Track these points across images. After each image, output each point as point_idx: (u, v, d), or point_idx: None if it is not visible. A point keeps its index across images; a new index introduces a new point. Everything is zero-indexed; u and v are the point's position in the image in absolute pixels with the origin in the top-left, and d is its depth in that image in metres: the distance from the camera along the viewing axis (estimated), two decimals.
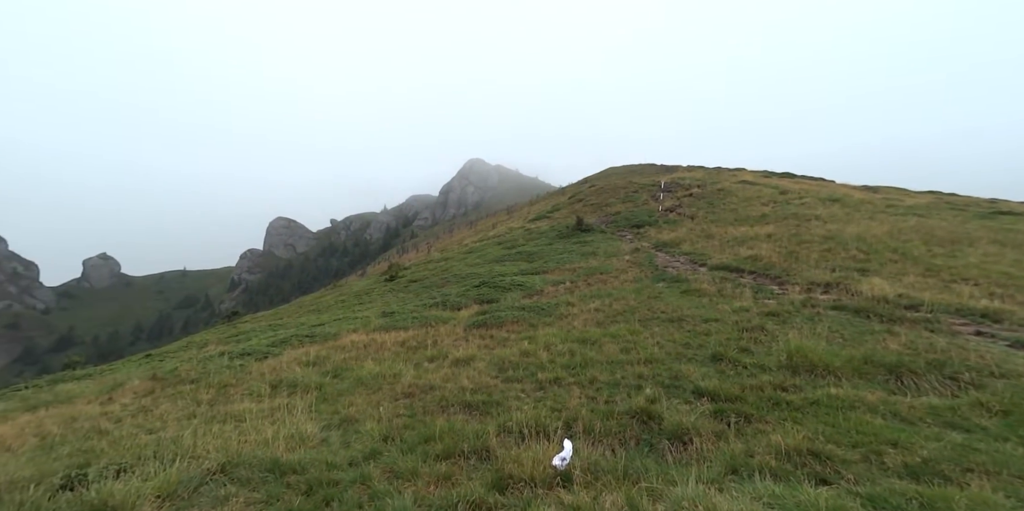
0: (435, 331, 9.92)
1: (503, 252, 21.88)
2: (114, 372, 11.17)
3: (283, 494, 3.60)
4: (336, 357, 9.33)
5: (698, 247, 14.93)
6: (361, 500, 3.42)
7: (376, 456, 4.22)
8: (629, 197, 29.33)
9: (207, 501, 3.61)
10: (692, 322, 7.71)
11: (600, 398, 5.05)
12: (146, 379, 8.72)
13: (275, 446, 4.52)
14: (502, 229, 34.28)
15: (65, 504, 3.50)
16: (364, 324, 13.66)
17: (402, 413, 5.39)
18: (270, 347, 11.46)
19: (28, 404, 8.09)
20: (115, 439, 5.21)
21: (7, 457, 4.83)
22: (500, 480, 3.48)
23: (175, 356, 13.10)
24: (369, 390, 6.71)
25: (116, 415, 6.71)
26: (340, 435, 4.97)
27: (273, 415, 5.81)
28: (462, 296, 13.63)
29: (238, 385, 8.03)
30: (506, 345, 7.90)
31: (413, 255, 54.22)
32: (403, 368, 7.48)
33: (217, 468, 4.08)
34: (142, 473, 4.00)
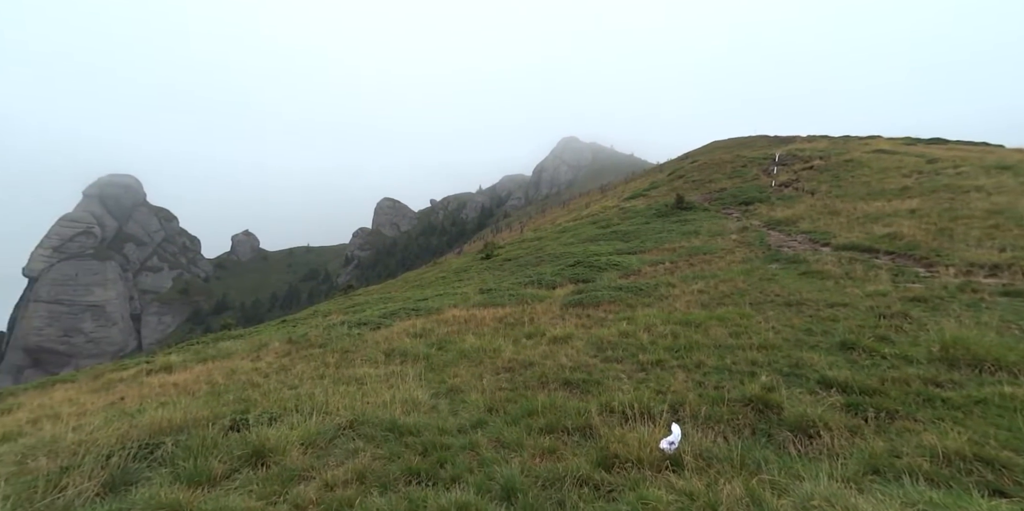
0: (531, 309, 10.03)
1: (597, 231, 21.44)
2: (259, 334, 12.88)
3: (403, 453, 3.91)
4: (440, 330, 9.87)
5: (820, 225, 13.41)
6: (471, 465, 3.61)
7: (482, 425, 4.42)
8: (736, 172, 27.05)
9: (341, 452, 4.03)
10: (814, 306, 6.99)
11: (708, 383, 4.79)
12: (284, 342, 9.92)
13: (392, 409, 4.90)
14: (596, 208, 33.54)
15: (234, 442, 4.14)
16: (464, 300, 14.27)
17: (504, 386, 5.56)
18: (382, 318, 12.45)
19: (199, 357, 9.64)
20: (265, 391, 6.02)
21: (189, 399, 5.81)
22: (605, 459, 3.47)
23: (304, 323, 14.76)
24: (471, 363, 6.98)
25: (263, 371, 7.73)
26: (448, 403, 5.25)
27: (388, 380, 6.31)
28: (557, 275, 13.65)
29: (357, 351, 8.84)
30: (604, 325, 7.78)
31: (506, 234, 55.29)
32: (502, 343, 7.66)
33: (346, 424, 4.54)
34: (288, 422, 4.57)
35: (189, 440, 4.19)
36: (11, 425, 5.76)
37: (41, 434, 4.80)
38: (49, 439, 4.48)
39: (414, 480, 3.50)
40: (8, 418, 6.39)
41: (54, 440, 4.41)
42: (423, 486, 3.40)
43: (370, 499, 3.20)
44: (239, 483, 3.61)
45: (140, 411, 5.33)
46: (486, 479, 3.36)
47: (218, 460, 3.85)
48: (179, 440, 4.24)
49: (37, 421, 5.82)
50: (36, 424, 5.65)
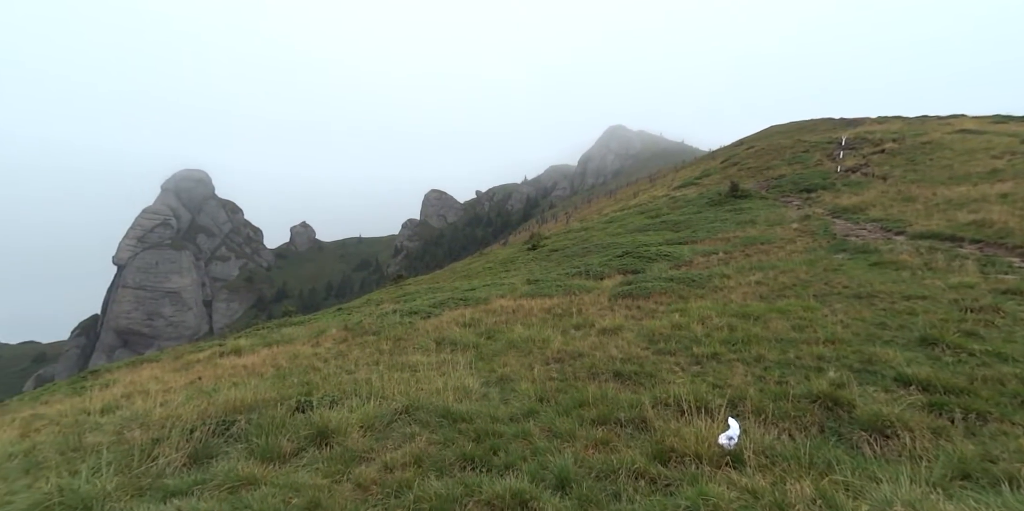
0: (579, 300, 9.96)
1: (646, 221, 20.92)
2: (317, 321, 13.55)
3: (457, 439, 4.01)
4: (488, 320, 9.98)
5: (893, 212, 12.46)
6: (524, 453, 3.65)
7: (533, 415, 4.44)
8: (797, 158, 25.51)
9: (398, 436, 4.18)
10: (888, 299, 6.53)
11: (770, 378, 4.59)
12: (340, 329, 10.37)
13: (445, 396, 5.02)
14: (644, 198, 32.70)
15: (300, 423, 4.39)
16: (511, 290, 14.35)
17: (554, 377, 5.56)
18: (431, 308, 12.75)
19: (265, 341, 10.26)
20: (325, 376, 6.32)
21: (258, 381, 6.21)
22: (661, 452, 3.41)
23: (358, 311, 15.36)
24: (520, 352, 7.02)
25: (323, 356, 8.12)
26: (498, 392, 5.31)
27: (440, 368, 6.46)
28: (604, 266, 13.45)
29: (409, 339, 9.10)
30: (655, 316, 7.61)
31: (552, 225, 55.01)
32: (551, 334, 7.65)
33: (402, 409, 4.69)
34: (348, 406, 4.79)
35: (260, 419, 4.47)
36: (109, 399, 6.38)
37: (134, 408, 5.28)
38: (141, 413, 4.92)
39: (468, 466, 3.59)
40: (106, 392, 7.07)
41: (145, 414, 4.84)
42: (478, 472, 3.47)
43: (427, 482, 3.30)
44: (306, 461, 3.82)
45: (216, 390, 5.75)
46: (539, 468, 3.39)
47: (286, 439, 4.10)
48: (251, 418, 4.53)
49: (130, 396, 6.41)
50: (129, 398, 6.23)
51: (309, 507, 3.11)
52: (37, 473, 3.86)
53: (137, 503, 3.26)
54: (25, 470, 3.96)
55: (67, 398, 7.53)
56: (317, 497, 3.19)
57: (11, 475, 3.88)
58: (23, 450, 4.40)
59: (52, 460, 4.06)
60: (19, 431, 5.36)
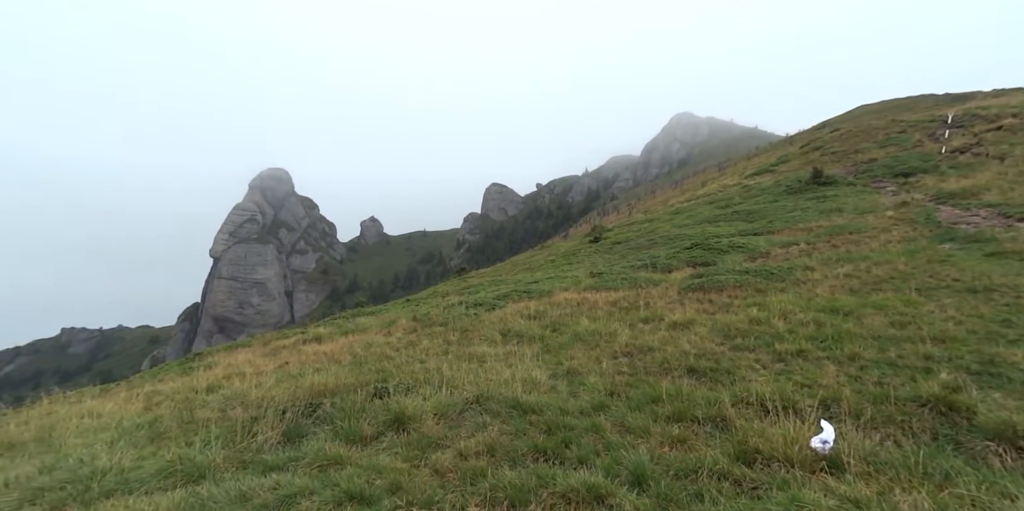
0: (646, 293, 9.69)
1: (716, 212, 19.92)
2: (387, 312, 14.16)
3: (528, 430, 4.03)
4: (552, 313, 9.94)
5: (1014, 196, 11.01)
6: (597, 448, 3.60)
7: (604, 409, 4.37)
8: (891, 139, 23.16)
9: (470, 425, 4.28)
10: (1011, 293, 5.80)
11: (868, 378, 4.21)
12: (410, 319, 10.77)
13: (514, 387, 5.06)
14: (713, 187, 31.11)
15: (378, 408, 4.61)
16: (574, 283, 14.21)
17: (623, 371, 5.45)
18: (495, 300, 12.91)
19: (342, 330, 10.88)
20: (398, 364, 6.59)
21: (337, 367, 6.60)
22: (744, 453, 3.23)
23: (426, 302, 15.87)
24: (587, 346, 6.94)
25: (395, 345, 8.47)
26: (566, 385, 5.28)
27: (507, 360, 6.52)
28: (672, 258, 12.98)
29: (475, 330, 9.27)
30: (730, 311, 7.24)
31: (614, 217, 53.83)
32: (618, 327, 7.51)
33: (473, 399, 4.79)
34: (421, 394, 4.96)
35: (342, 403, 4.74)
36: (212, 379, 7.06)
37: (234, 388, 5.79)
38: (240, 393, 5.38)
39: (541, 457, 3.59)
40: (209, 373, 7.83)
41: (243, 394, 5.29)
42: (550, 464, 3.47)
43: (501, 471, 3.34)
44: (386, 445, 4.00)
45: (301, 375, 6.16)
46: (613, 463, 3.33)
47: (367, 423, 4.31)
48: (334, 402, 4.82)
49: (229, 377, 7.05)
50: (229, 379, 6.84)
51: (391, 489, 3.25)
52: (159, 442, 4.34)
53: (242, 475, 3.57)
54: (150, 439, 4.47)
55: (178, 377, 8.40)
56: (398, 480, 3.33)
57: (140, 443, 4.40)
58: (148, 421, 4.98)
59: (171, 432, 4.56)
60: (143, 404, 6.05)
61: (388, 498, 3.14)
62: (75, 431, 4.97)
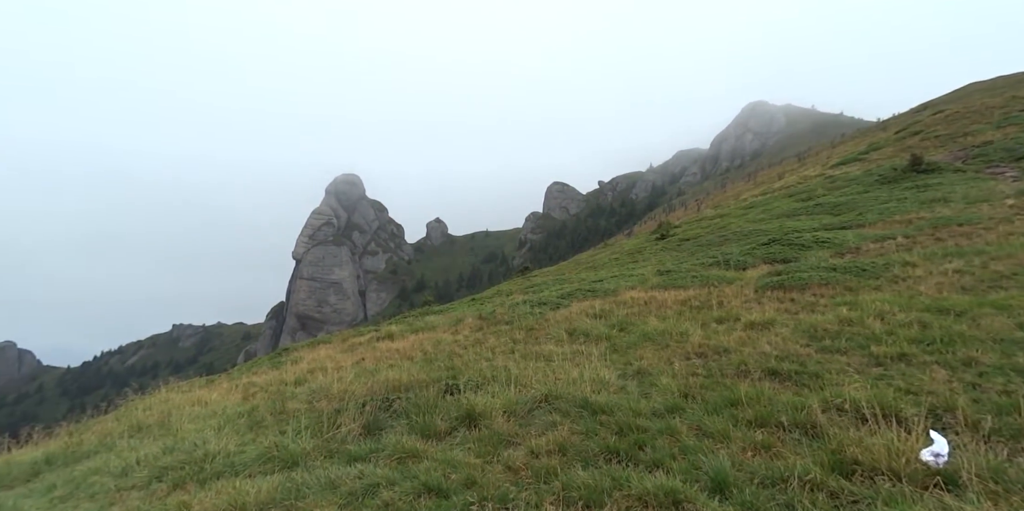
0: (719, 291, 9.27)
1: (796, 205, 18.62)
2: (453, 310, 14.54)
3: (598, 430, 3.98)
4: (619, 312, 9.74)
5: None
6: (672, 451, 3.48)
7: (678, 411, 4.22)
8: (1010, 118, 20.50)
9: (540, 423, 4.29)
10: None
11: (989, 386, 3.75)
12: (476, 318, 10.99)
13: (582, 386, 5.01)
14: (792, 179, 29.04)
15: (450, 404, 4.75)
16: (641, 281, 13.84)
17: (697, 372, 5.24)
18: (560, 298, 12.85)
19: (412, 328, 11.32)
20: (466, 362, 6.75)
21: (409, 364, 6.88)
22: (840, 463, 2.99)
23: (490, 301, 16.12)
24: (657, 346, 6.74)
25: (462, 343, 8.68)
26: (636, 385, 5.15)
27: (574, 359, 6.46)
28: (747, 255, 12.29)
29: (540, 329, 9.29)
30: (815, 310, 6.74)
31: (681, 213, 51.79)
32: (689, 327, 7.26)
33: (541, 397, 4.80)
34: (490, 391, 5.05)
35: (416, 398, 4.93)
36: (299, 373, 7.62)
37: (318, 382, 6.21)
38: (323, 386, 5.76)
39: (613, 458, 3.53)
40: (296, 367, 8.45)
41: (326, 388, 5.65)
42: (623, 465, 3.40)
43: (573, 471, 3.32)
44: (459, 440, 4.11)
45: (377, 370, 6.48)
46: (691, 467, 3.20)
47: (440, 418, 4.45)
48: (408, 397, 5.02)
49: (313, 371, 7.57)
50: (313, 373, 7.35)
51: (466, 483, 3.33)
52: (257, 430, 4.75)
53: (329, 463, 3.82)
54: (249, 427, 4.91)
55: (269, 370, 9.14)
56: (473, 475, 3.41)
57: (241, 430, 4.84)
58: (246, 410, 5.46)
59: (266, 421, 4.97)
60: (241, 395, 6.65)
61: (463, 492, 3.22)
62: (188, 417, 5.56)
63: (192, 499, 3.42)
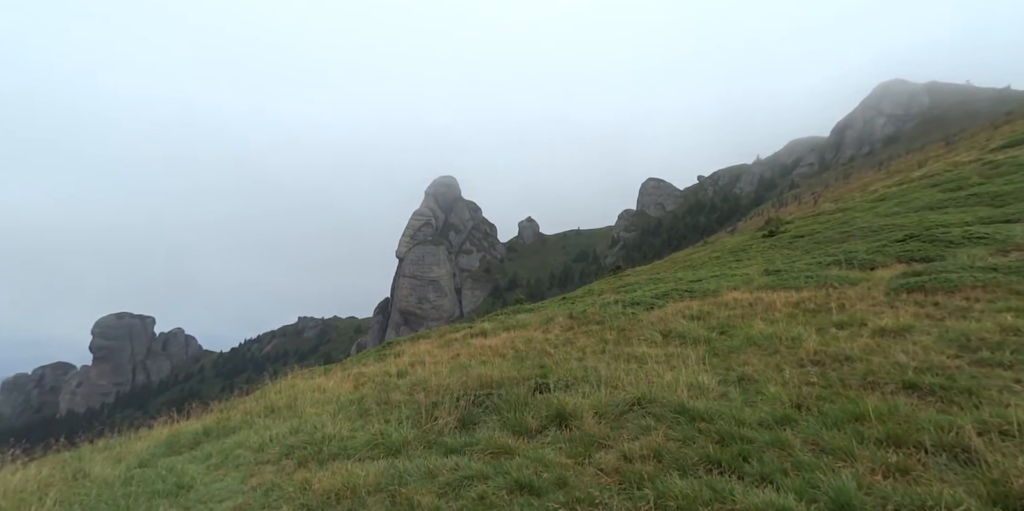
0: (840, 293, 8.34)
1: (942, 196, 16.13)
2: (544, 309, 14.61)
3: (697, 438, 3.75)
4: (719, 313, 9.14)
5: None
6: (784, 465, 3.16)
7: (789, 423, 3.84)
8: None
9: (633, 427, 4.15)
10: None
11: None
12: (566, 317, 10.93)
13: (678, 391, 4.75)
14: (938, 166, 25.15)
15: (540, 403, 4.77)
16: (745, 282, 12.85)
17: (813, 381, 4.73)
18: (654, 299, 12.35)
19: (504, 325, 11.57)
20: (556, 361, 6.74)
21: (501, 361, 7.04)
22: (1005, 497, 2.50)
23: (581, 300, 15.95)
24: (763, 351, 6.26)
25: (553, 342, 8.68)
26: (740, 392, 4.80)
27: (669, 362, 6.17)
28: (876, 252, 10.90)
29: (632, 330, 8.99)
30: (967, 317, 5.77)
31: (793, 208, 47.22)
32: (802, 332, 6.63)
33: (634, 400, 4.63)
34: (580, 391, 4.99)
35: (507, 395, 5.01)
36: (402, 365, 8.16)
37: (417, 375, 6.59)
38: (422, 379, 6.10)
39: (714, 469, 3.30)
40: (399, 360, 9.07)
41: (425, 381, 5.97)
42: (725, 477, 3.16)
43: (670, 479, 3.16)
44: (550, 439, 4.11)
45: (470, 366, 6.70)
46: (807, 485, 2.88)
47: (531, 416, 4.48)
48: (500, 394, 5.12)
49: (413, 365, 8.05)
50: (413, 367, 7.82)
51: (558, 483, 3.32)
52: (365, 417, 5.16)
53: (428, 453, 4.03)
54: (359, 414, 5.35)
55: (375, 362, 9.88)
56: (564, 475, 3.39)
57: (352, 416, 5.29)
58: (356, 399, 5.96)
59: (372, 409, 5.38)
60: (352, 384, 7.27)
61: (555, 492, 3.21)
62: (310, 402, 6.20)
63: (313, 477, 3.78)
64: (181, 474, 4.23)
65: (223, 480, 4.10)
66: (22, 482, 4.09)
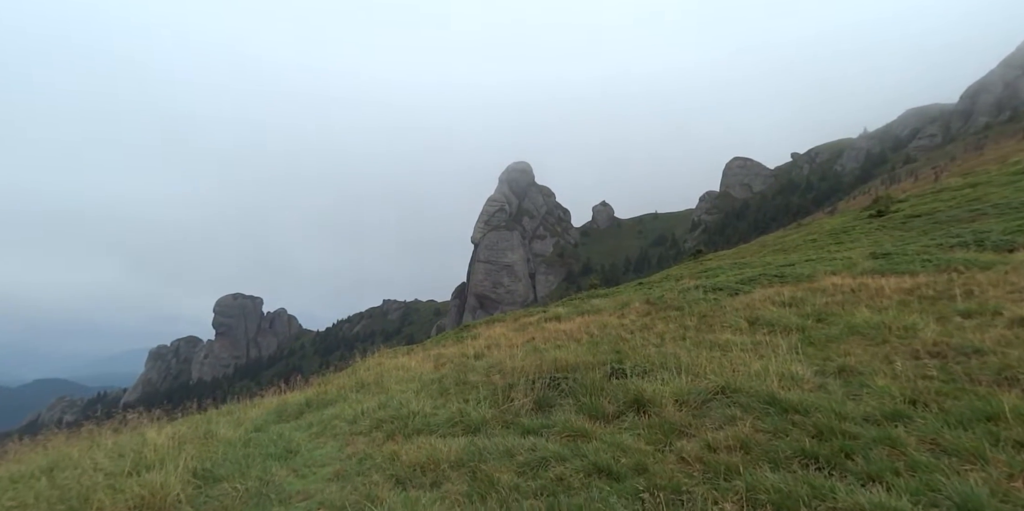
0: (967, 278, 7.42)
1: None
2: (620, 294, 14.31)
3: (789, 430, 3.50)
4: (815, 300, 8.46)
5: None
6: (895, 465, 2.86)
7: (902, 419, 3.47)
8: None
9: (717, 416, 3.96)
10: None
11: None
12: (643, 302, 10.63)
13: (767, 381, 4.47)
14: None
15: (616, 388, 4.70)
16: (847, 266, 11.75)
17: (931, 375, 4.24)
18: (739, 284, 11.63)
19: (578, 310, 11.52)
20: (633, 346, 6.58)
21: (576, 346, 7.01)
22: None
23: (658, 286, 15.42)
24: (868, 341, 5.74)
25: (629, 327, 8.49)
26: (841, 385, 4.42)
27: (756, 350, 5.81)
28: (1016, 232, 9.49)
29: (715, 316, 8.54)
30: None
31: (908, 184, 41.98)
32: (918, 320, 5.99)
33: (717, 389, 4.42)
34: (659, 378, 4.84)
35: (583, 379, 4.98)
36: (478, 348, 8.42)
37: (493, 357, 6.76)
38: (498, 362, 6.24)
39: (811, 464, 3.06)
40: (476, 342, 9.37)
41: (501, 363, 6.10)
42: (824, 474, 2.92)
43: (760, 472, 2.98)
44: (627, 425, 4.03)
45: (545, 350, 6.74)
46: (924, 488, 2.59)
47: (607, 401, 4.43)
48: (575, 378, 5.10)
49: (490, 347, 8.27)
50: (489, 349, 8.04)
51: (637, 469, 3.26)
52: (445, 396, 5.39)
53: (506, 433, 4.13)
54: (440, 393, 5.59)
55: (453, 344, 10.28)
56: (644, 462, 3.32)
57: (433, 394, 5.55)
58: (437, 378, 6.24)
59: (451, 389, 5.60)
60: (433, 364, 7.62)
61: (634, 478, 3.15)
62: (395, 379, 6.59)
63: (400, 449, 4.03)
64: (289, 440, 4.68)
65: (323, 447, 4.49)
66: (166, 438, 4.75)
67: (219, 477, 3.85)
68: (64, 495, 3.49)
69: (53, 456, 4.52)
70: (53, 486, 3.69)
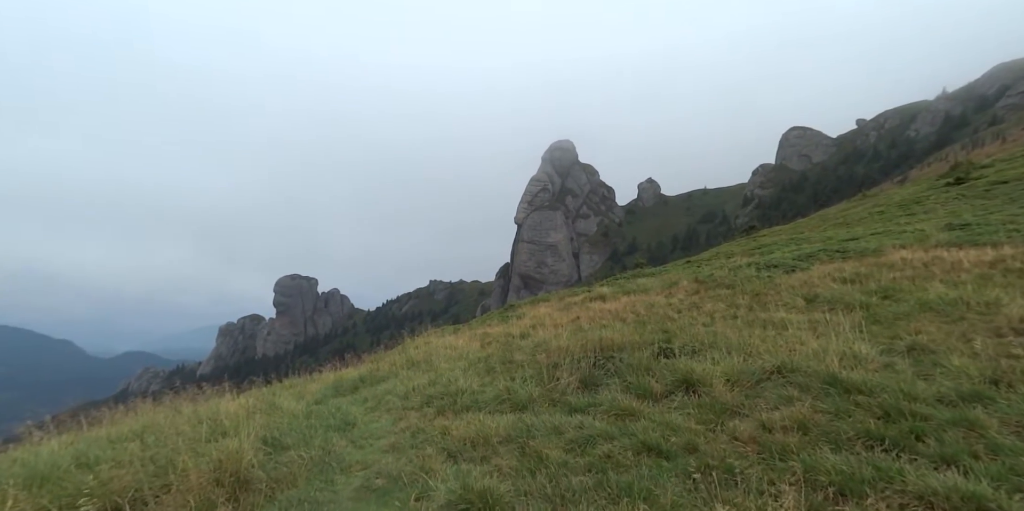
0: None
1: None
2: (667, 273, 13.95)
3: (852, 411, 3.33)
4: (881, 275, 7.96)
5: None
6: (973, 448, 2.68)
7: (982, 400, 3.24)
8: None
9: (772, 396, 3.82)
10: None
11: None
12: (691, 281, 10.33)
13: (827, 360, 4.26)
14: None
15: (664, 367, 4.63)
16: (919, 239, 10.93)
17: (1018, 354, 3.94)
18: (796, 261, 11.07)
19: (623, 290, 11.35)
20: (680, 326, 6.43)
21: (621, 325, 6.92)
22: None
23: (708, 263, 14.91)
24: (943, 318, 5.38)
25: (676, 306, 8.29)
26: (910, 364, 4.16)
27: (815, 329, 5.54)
28: None
29: (769, 294, 8.19)
30: None
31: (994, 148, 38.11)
32: (1002, 295, 5.60)
33: (773, 369, 4.26)
34: (708, 358, 4.72)
35: (629, 359, 4.93)
36: (523, 327, 8.50)
37: (538, 337, 6.79)
38: (543, 341, 6.26)
39: (876, 446, 2.92)
40: (521, 322, 9.46)
41: (546, 342, 6.12)
42: (892, 456, 2.77)
43: (819, 454, 2.86)
44: (676, 404, 3.97)
45: (590, 330, 6.70)
46: (1008, 472, 2.41)
47: (655, 380, 4.37)
48: (622, 358, 5.05)
49: (535, 327, 8.32)
50: (534, 329, 8.09)
51: (687, 448, 3.22)
52: (492, 375, 5.49)
53: (553, 410, 4.17)
54: (486, 371, 5.71)
55: (498, 324, 10.42)
56: (694, 441, 3.27)
57: (480, 373, 5.67)
58: (483, 357, 6.36)
59: (497, 367, 5.69)
60: (479, 343, 7.77)
61: (684, 457, 3.11)
62: (443, 358, 6.78)
63: (451, 425, 4.16)
64: (346, 413, 4.95)
65: (378, 421, 4.71)
66: (236, 408, 5.13)
67: (286, 445, 4.12)
68: (154, 456, 3.86)
69: (143, 421, 4.99)
70: (144, 448, 4.08)
